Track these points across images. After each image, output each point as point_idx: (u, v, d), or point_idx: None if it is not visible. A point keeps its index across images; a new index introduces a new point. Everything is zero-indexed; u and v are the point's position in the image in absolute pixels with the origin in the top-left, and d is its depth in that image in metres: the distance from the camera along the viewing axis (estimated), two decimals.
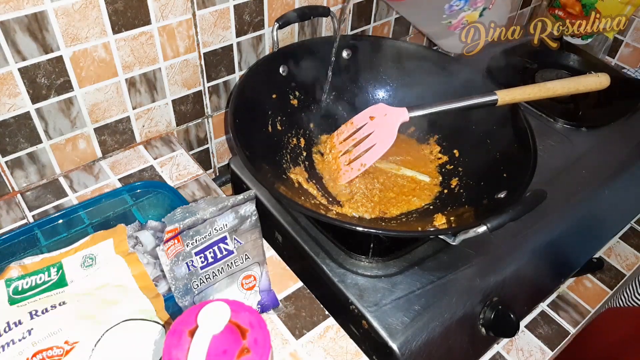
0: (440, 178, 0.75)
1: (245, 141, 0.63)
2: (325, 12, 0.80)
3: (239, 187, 0.78)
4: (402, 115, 0.70)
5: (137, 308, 0.48)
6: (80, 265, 0.51)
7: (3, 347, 0.43)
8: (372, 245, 0.64)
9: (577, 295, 0.84)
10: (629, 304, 0.86)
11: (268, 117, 0.73)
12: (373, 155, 0.70)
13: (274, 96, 0.74)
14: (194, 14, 0.69)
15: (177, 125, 0.80)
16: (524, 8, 1.26)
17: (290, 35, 0.83)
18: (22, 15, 0.56)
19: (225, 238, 0.50)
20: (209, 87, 0.79)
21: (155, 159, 0.75)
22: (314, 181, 0.72)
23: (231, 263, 0.51)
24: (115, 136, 0.73)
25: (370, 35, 0.95)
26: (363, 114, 0.73)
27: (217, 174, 0.92)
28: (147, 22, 0.66)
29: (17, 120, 0.63)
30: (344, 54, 0.80)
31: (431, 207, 0.70)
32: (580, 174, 0.81)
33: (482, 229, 0.54)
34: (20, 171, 0.67)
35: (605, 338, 0.87)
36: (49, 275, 0.49)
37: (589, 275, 0.88)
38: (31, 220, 0.65)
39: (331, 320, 0.57)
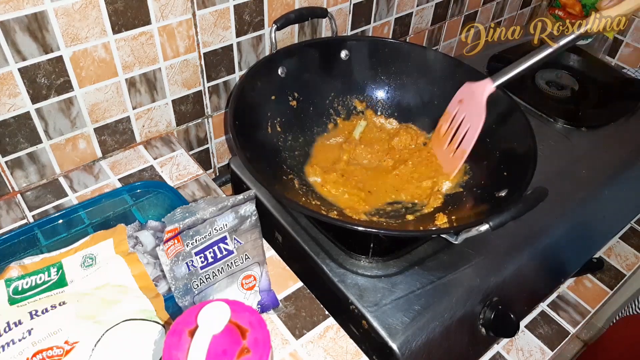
0: None
1: (245, 142, 0.63)
2: (323, 13, 0.80)
3: (239, 187, 0.78)
4: (486, 86, 0.66)
5: (137, 308, 0.48)
6: (80, 265, 0.51)
7: (3, 347, 0.43)
8: (372, 245, 0.64)
9: (577, 295, 0.84)
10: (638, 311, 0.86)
11: (267, 118, 0.73)
12: (470, 139, 0.69)
13: (273, 97, 0.74)
14: (194, 14, 0.69)
15: (177, 125, 0.80)
16: (524, 8, 1.27)
17: (290, 35, 0.83)
18: (22, 15, 0.56)
19: (225, 238, 0.50)
20: (209, 87, 0.79)
21: (155, 159, 0.75)
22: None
23: (231, 263, 0.51)
24: (115, 136, 0.73)
25: (369, 36, 0.95)
26: (453, 100, 0.72)
27: (217, 174, 0.93)
28: (147, 22, 0.66)
29: (17, 120, 0.63)
30: (343, 54, 0.80)
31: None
32: (580, 174, 0.81)
33: (484, 227, 0.54)
34: (20, 171, 0.67)
35: (620, 346, 0.87)
36: (49, 275, 0.49)
37: (589, 275, 0.88)
38: (31, 220, 0.65)
39: (331, 320, 0.57)
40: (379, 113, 0.83)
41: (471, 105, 0.69)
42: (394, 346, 0.56)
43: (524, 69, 0.65)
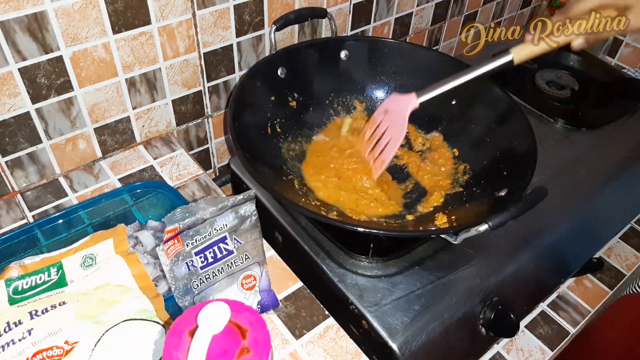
0: None
1: (245, 143, 0.63)
2: (322, 13, 0.79)
3: (239, 187, 0.78)
4: (410, 102, 0.66)
5: (137, 308, 0.48)
6: (80, 265, 0.51)
7: (3, 347, 0.43)
8: (372, 246, 0.64)
9: (577, 295, 0.84)
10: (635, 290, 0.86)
11: (267, 119, 0.73)
12: (390, 151, 0.69)
13: (272, 98, 0.74)
14: (194, 14, 0.69)
15: (177, 125, 0.80)
16: (524, 8, 1.27)
17: (291, 35, 0.83)
18: (22, 15, 0.56)
19: (225, 238, 0.50)
20: (209, 87, 0.79)
21: (155, 159, 0.75)
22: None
23: (231, 263, 0.51)
24: (115, 136, 0.73)
25: (369, 36, 0.95)
26: (379, 109, 0.72)
27: (217, 174, 0.93)
28: (147, 22, 0.66)
29: (17, 120, 0.63)
30: (342, 54, 0.80)
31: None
32: (580, 174, 0.81)
33: (483, 227, 0.54)
34: (20, 171, 0.67)
35: (617, 324, 0.87)
36: (49, 275, 0.49)
37: (589, 275, 0.88)
38: (31, 220, 0.65)
39: (331, 320, 0.57)
40: None
41: (395, 118, 0.69)
42: (394, 346, 0.56)
43: (450, 88, 0.64)
